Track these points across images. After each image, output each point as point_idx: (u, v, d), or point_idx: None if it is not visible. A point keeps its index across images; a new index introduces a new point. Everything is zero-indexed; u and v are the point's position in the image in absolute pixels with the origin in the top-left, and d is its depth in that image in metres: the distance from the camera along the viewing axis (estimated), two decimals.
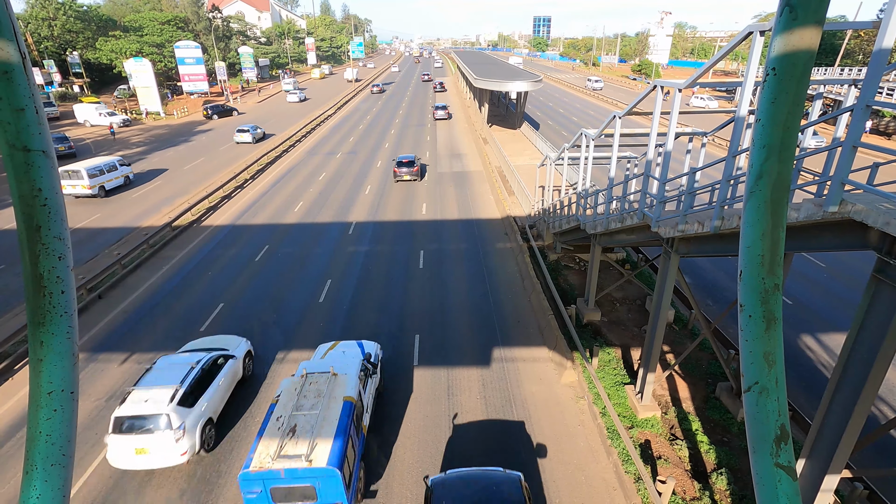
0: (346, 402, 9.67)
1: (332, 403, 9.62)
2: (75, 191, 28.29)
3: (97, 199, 28.98)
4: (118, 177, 30.63)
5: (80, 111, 51.42)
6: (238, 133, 43.59)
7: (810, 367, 14.06)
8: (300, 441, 8.66)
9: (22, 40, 0.89)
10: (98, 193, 28.87)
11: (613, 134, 12.59)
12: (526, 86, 42.42)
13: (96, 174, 28.81)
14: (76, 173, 27.98)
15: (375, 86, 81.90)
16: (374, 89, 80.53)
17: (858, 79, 6.55)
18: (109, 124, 48.70)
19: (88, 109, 51.01)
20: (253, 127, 44.21)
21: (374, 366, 11.97)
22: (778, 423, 0.99)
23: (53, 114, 52.16)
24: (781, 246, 0.97)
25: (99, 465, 10.82)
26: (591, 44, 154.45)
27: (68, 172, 27.82)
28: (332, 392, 9.91)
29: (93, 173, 28.51)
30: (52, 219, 0.95)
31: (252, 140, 43.36)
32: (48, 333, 0.96)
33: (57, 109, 52.95)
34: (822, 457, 6.88)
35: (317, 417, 9.19)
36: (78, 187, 28.17)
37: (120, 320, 16.62)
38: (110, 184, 29.91)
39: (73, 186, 28.19)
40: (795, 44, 0.88)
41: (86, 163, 29.01)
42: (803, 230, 6.78)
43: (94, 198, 28.96)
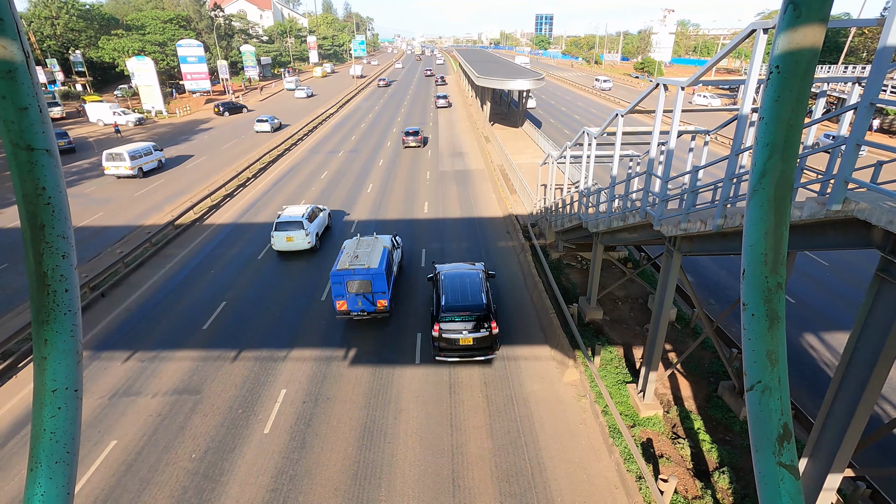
0: (384, 248, 16.46)
1: (376, 247, 16.38)
2: (118, 171, 32.23)
3: (137, 179, 32.79)
4: (153, 160, 34.36)
5: (92, 110, 51.07)
6: (257, 123, 47.74)
7: (813, 366, 14.03)
8: (361, 260, 15.41)
9: (25, 39, 0.89)
10: (137, 174, 32.73)
11: (616, 132, 12.57)
12: (528, 84, 42.32)
13: (136, 157, 32.64)
14: (119, 156, 31.83)
15: (382, 80, 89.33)
16: (380, 83, 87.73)
17: (862, 76, 6.52)
18: (114, 123, 48.87)
19: (102, 108, 50.81)
20: (271, 118, 48.46)
21: (398, 242, 19.42)
22: (780, 422, 0.98)
23: (59, 113, 51.84)
24: (785, 244, 0.97)
25: (102, 463, 10.88)
26: (593, 42, 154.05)
27: (112, 155, 31.80)
28: (376, 245, 16.59)
29: (133, 156, 32.36)
30: (55, 217, 0.95)
31: (270, 129, 47.43)
32: (52, 331, 0.97)
33: (63, 109, 52.51)
34: (825, 456, 6.87)
35: (369, 253, 15.92)
36: (121, 168, 32.11)
37: (123, 318, 16.68)
38: (147, 166, 33.71)
39: (116, 167, 32.11)
40: (799, 41, 0.88)
41: (127, 147, 32.60)
42: (807, 228, 6.76)
43: (134, 178, 32.78)
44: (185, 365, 14.16)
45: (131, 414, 12.34)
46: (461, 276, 14.84)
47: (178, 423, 12.01)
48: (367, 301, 15.44)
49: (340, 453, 11.03)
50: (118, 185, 32.08)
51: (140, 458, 11.02)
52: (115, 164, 31.97)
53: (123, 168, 32.10)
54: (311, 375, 13.61)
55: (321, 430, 11.71)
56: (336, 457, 10.94)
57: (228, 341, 15.21)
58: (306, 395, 12.88)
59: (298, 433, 11.61)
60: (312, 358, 14.36)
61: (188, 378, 13.60)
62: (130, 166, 32.10)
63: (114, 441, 11.50)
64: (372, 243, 16.70)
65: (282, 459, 10.89)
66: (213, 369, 13.94)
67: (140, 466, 10.78)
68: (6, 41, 0.86)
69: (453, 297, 13.92)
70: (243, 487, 10.23)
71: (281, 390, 13.04)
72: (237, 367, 14.00)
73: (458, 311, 13.41)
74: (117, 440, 11.53)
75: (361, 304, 15.52)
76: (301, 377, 13.54)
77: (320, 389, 13.06)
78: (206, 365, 14.14)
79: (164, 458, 10.98)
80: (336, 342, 15.09)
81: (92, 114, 51.08)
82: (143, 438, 11.56)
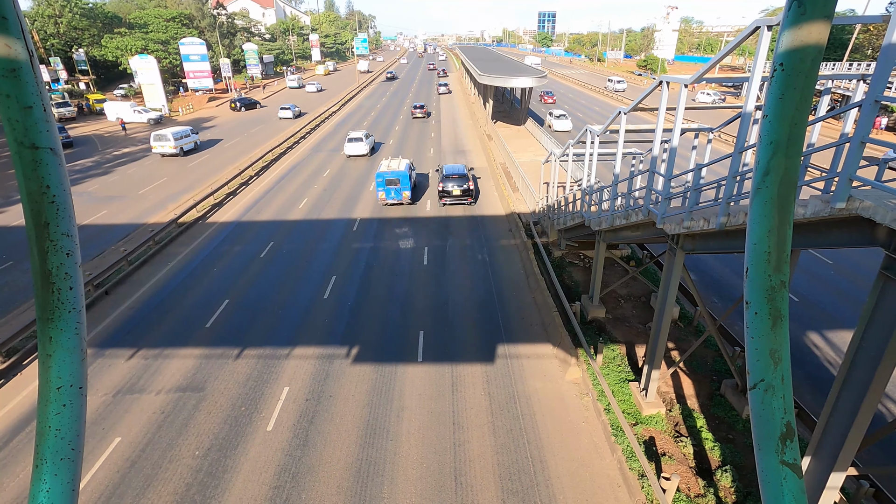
0: (406, 163, 26.81)
1: (402, 163, 26.73)
2: (164, 150, 37.38)
3: (179, 158, 37.86)
4: (191, 142, 39.69)
5: (111, 108, 51.36)
6: (281, 110, 54.89)
7: (816, 365, 13.99)
8: (392, 168, 25.91)
9: (30, 38, 0.90)
10: (179, 153, 37.90)
11: (618, 130, 12.53)
12: (531, 81, 42.21)
13: (178, 138, 37.82)
14: (164, 136, 37.07)
15: (390, 72, 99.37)
16: (388, 75, 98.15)
17: (867, 74, 6.48)
18: (119, 120, 49.09)
19: (123, 107, 51.24)
20: (292, 106, 55.56)
21: (413, 166, 29.22)
22: (783, 421, 0.98)
23: (70, 114, 51.26)
24: (788, 243, 0.97)
25: (107, 460, 10.94)
26: (596, 39, 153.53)
27: (159, 136, 37.13)
28: (401, 162, 26.83)
29: (176, 137, 37.57)
30: (60, 216, 0.95)
31: (292, 116, 54.43)
32: (57, 329, 0.97)
33: (73, 109, 51.95)
34: (828, 454, 6.85)
35: (397, 165, 26.30)
36: (166, 147, 37.20)
37: (126, 316, 16.75)
38: (186, 146, 38.89)
39: (161, 147, 37.19)
40: (804, 39, 0.87)
41: (170, 130, 37.79)
42: (810, 227, 6.74)
43: (176, 156, 37.96)
44: (189, 362, 14.22)
45: (135, 411, 12.41)
46: (453, 165, 28.09)
47: (181, 420, 12.07)
48: (397, 193, 26.04)
49: (343, 451, 11.06)
50: (164, 161, 37.17)
51: (144, 454, 11.08)
52: (161, 143, 37.03)
53: (168, 147, 37.09)
54: (313, 373, 13.65)
55: (324, 427, 11.75)
56: (339, 454, 10.97)
57: (231, 339, 15.26)
58: (309, 392, 12.91)
59: (301, 430, 11.64)
60: (315, 356, 14.40)
61: (192, 375, 13.65)
62: (174, 146, 37.15)
63: (118, 438, 11.56)
64: (399, 161, 27.36)
65: (285, 457, 10.93)
66: (217, 367, 13.99)
67: (144, 463, 10.84)
68: (10, 40, 0.86)
69: (448, 171, 26.94)
70: (246, 484, 10.28)
71: (284, 388, 13.08)
72: (240, 365, 14.05)
73: (451, 176, 26.18)
74: (121, 437, 11.59)
75: (394, 195, 26.10)
76: (304, 375, 13.58)
77: (323, 387, 13.10)
78: (209, 362, 14.19)
79: (168, 455, 11.03)
80: (338, 340, 15.12)
81: (111, 112, 51.38)
82: (147, 435, 11.62)
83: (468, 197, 26.26)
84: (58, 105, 50.56)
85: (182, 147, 38.19)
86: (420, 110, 53.44)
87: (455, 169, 26.97)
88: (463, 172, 26.44)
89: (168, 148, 37.19)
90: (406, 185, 25.89)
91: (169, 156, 37.85)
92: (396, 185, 25.83)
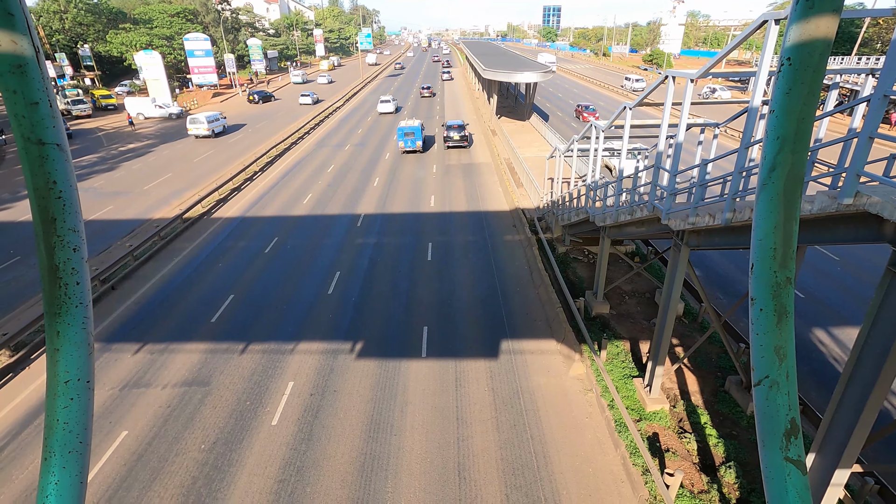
0: (419, 122, 37.22)
1: (416, 122, 36.80)
2: (198, 132, 42.48)
3: (211, 139, 42.87)
4: (221, 125, 44.64)
5: (132, 104, 51.67)
6: (301, 97, 61.49)
7: (822, 361, 13.92)
8: (408, 123, 36.52)
9: (35, 34, 0.90)
10: (211, 134, 43.06)
11: (624, 125, 12.46)
12: (536, 76, 41.98)
13: (211, 121, 42.96)
14: (198, 120, 42.09)
15: (398, 63, 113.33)
16: (396, 66, 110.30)
17: (876, 68, 6.40)
18: (127, 115, 49.53)
19: (144, 103, 51.77)
20: (312, 93, 62.34)
21: (423, 126, 40.04)
22: (788, 418, 0.98)
23: (86, 111, 51.26)
24: (794, 239, 0.96)
25: (114, 453, 11.05)
26: (601, 34, 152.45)
27: (193, 119, 42.14)
28: (415, 121, 37.20)
29: (209, 120, 42.73)
30: (66, 211, 0.96)
31: (311, 102, 61.23)
32: (64, 324, 0.98)
33: (89, 107, 52.03)
34: (833, 451, 6.83)
35: (413, 122, 36.50)
36: (200, 129, 42.27)
37: (133, 311, 16.86)
38: (217, 129, 43.86)
39: (196, 129, 42.28)
40: (812, 32, 0.86)
41: (203, 114, 42.59)
42: (817, 223, 6.68)
43: (208, 138, 43.05)
44: (194, 357, 14.32)
45: (141, 405, 12.52)
46: (453, 120, 39.29)
47: (187, 414, 12.17)
48: (412, 142, 35.94)
49: (347, 445, 11.13)
50: (199, 143, 41.91)
51: (150, 448, 11.19)
52: (196, 126, 42.16)
53: (202, 129, 42.17)
54: (318, 368, 13.71)
55: (328, 422, 11.81)
56: (343, 448, 11.04)
57: (236, 334, 15.35)
58: (313, 387, 12.98)
59: (306, 425, 11.72)
60: (319, 350, 14.47)
61: (197, 370, 13.75)
62: (207, 128, 42.29)
63: (125, 432, 11.67)
64: (414, 120, 37.07)
65: (289, 451, 11.00)
66: (222, 361, 14.08)
67: (150, 457, 10.95)
68: (17, 36, 0.87)
69: (450, 123, 37.85)
70: (251, 478, 10.36)
71: (288, 382, 13.16)
72: (245, 360, 14.13)
73: (452, 127, 37.36)
74: (128, 431, 11.70)
75: (409, 144, 36.02)
76: (308, 370, 13.65)
77: (327, 382, 13.16)
78: (214, 357, 14.28)
79: (174, 449, 11.13)
80: (342, 335, 15.18)
81: (132, 107, 51.63)
82: (154, 429, 11.73)
83: (464, 141, 37.74)
84: (73, 102, 50.73)
85: (213, 129, 43.13)
86: (427, 90, 66.99)
87: (455, 122, 39.06)
88: (461, 124, 38.21)
89: (202, 130, 42.35)
90: (419, 136, 36.19)
91: (202, 137, 42.99)
92: (412, 136, 36.08)
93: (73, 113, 50.63)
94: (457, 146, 38.11)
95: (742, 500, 9.71)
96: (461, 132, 37.48)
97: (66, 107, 50.36)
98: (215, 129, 43.53)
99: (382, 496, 9.92)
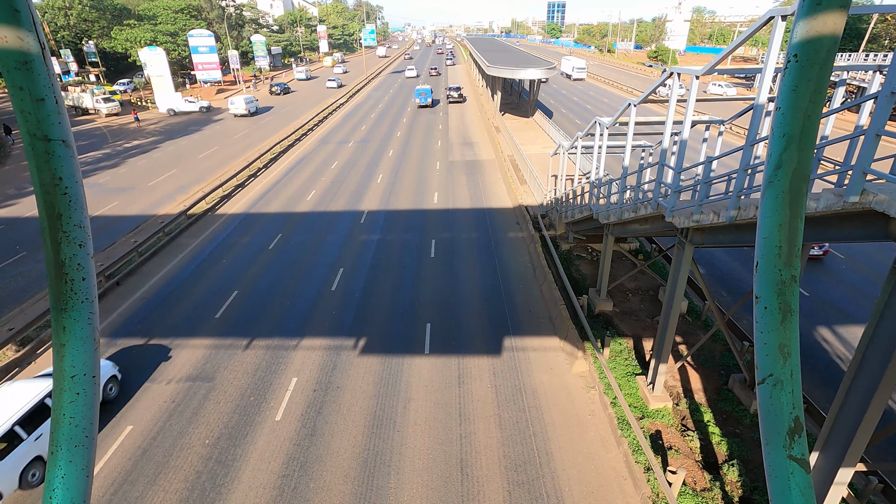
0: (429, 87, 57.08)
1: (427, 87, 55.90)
2: (237, 111, 51.58)
3: (247, 118, 51.42)
4: (254, 106, 53.29)
5: (162, 100, 54.10)
6: (328, 81, 72.98)
7: (826, 360, 13.87)
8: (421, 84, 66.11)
9: (41, 30, 0.90)
10: (247, 114, 51.97)
11: (628, 122, 12.40)
12: (540, 73, 41.84)
13: (248, 103, 51.85)
14: (236, 102, 51.07)
15: (407, 54, 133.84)
16: (406, 56, 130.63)
17: (884, 65, 6.35)
18: (133, 111, 49.92)
19: (175, 98, 54.11)
20: (337, 78, 74.56)
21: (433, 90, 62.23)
22: (792, 416, 0.98)
23: (115, 108, 51.76)
24: (800, 237, 0.96)
25: (119, 448, 11.14)
26: (606, 30, 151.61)
27: (232, 102, 51.23)
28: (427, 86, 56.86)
29: (246, 102, 51.71)
30: (72, 207, 0.96)
31: (336, 86, 72.08)
32: (70, 319, 0.99)
33: (117, 105, 52.62)
34: (837, 450, 6.81)
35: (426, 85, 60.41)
36: (239, 109, 51.32)
37: (138, 306, 16.96)
38: (251, 109, 52.60)
39: (235, 109, 51.36)
40: (819, 29, 0.86)
41: (241, 97, 51.46)
42: (822, 221, 6.65)
43: (245, 116, 51.85)
44: (199, 353, 14.39)
45: (146, 400, 12.60)
46: (452, 84, 66.17)
47: (192, 409, 12.24)
48: (425, 99, 53.51)
49: (350, 441, 11.18)
50: (238, 120, 50.81)
51: (155, 443, 11.27)
52: (235, 106, 51.36)
53: (241, 109, 51.43)
54: (321, 364, 13.76)
55: (331, 417, 11.86)
56: (346, 444, 11.09)
57: (240, 330, 15.42)
58: (317, 383, 13.03)
59: (309, 421, 11.77)
60: (323, 347, 14.52)
61: (201, 365, 13.82)
62: (245, 108, 51.51)
63: (129, 426, 11.76)
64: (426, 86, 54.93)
65: (293, 446, 11.06)
66: (226, 357, 14.15)
67: (155, 451, 11.03)
68: (22, 32, 0.87)
69: (450, 85, 61.31)
70: (255, 473, 10.43)
71: (292, 378, 13.21)
72: (249, 355, 14.20)
73: (452, 88, 58.77)
74: (133, 425, 11.79)
75: (423, 101, 53.60)
76: (312, 366, 13.70)
77: (331, 378, 13.21)
78: (218, 353, 14.35)
79: (179, 444, 11.21)
80: (346, 331, 15.22)
81: (162, 103, 54.18)
82: (158, 424, 11.81)
83: (461, 98, 58.01)
84: (105, 100, 51.25)
85: (249, 109, 52.16)
86: (434, 70, 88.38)
87: (454, 85, 60.32)
88: (459, 87, 59.25)
89: (241, 110, 51.42)
90: (430, 95, 54.39)
91: (240, 116, 51.95)
92: (425, 95, 53.84)
93: (105, 112, 51.12)
94: (455, 101, 57.73)
95: (744, 498, 9.71)
96: (458, 91, 57.75)
97: (95, 105, 50.74)
98: (250, 109, 52.63)
99: (385, 492, 9.97)
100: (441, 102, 58.41)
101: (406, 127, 46.16)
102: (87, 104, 50.84)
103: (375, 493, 9.93)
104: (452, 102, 57.29)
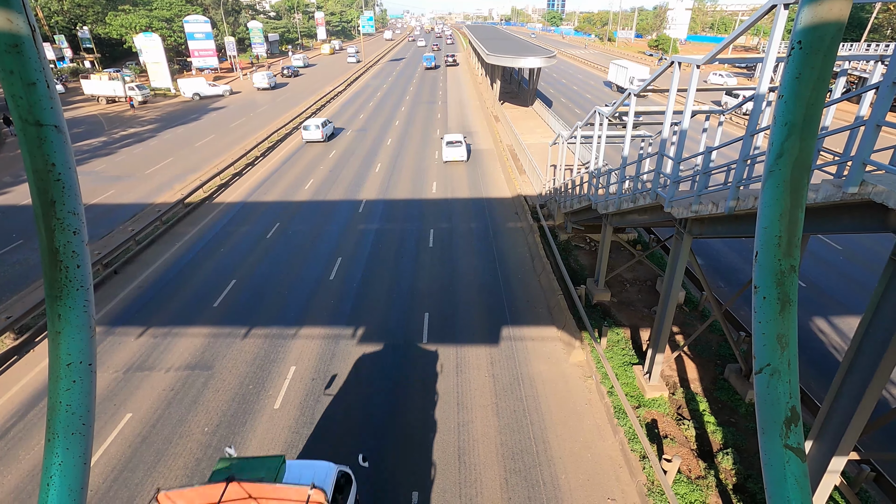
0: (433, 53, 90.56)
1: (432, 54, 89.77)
2: (261, 85, 60.36)
3: (269, 91, 60.09)
4: (274, 81, 61.62)
5: (186, 85, 55.37)
6: (349, 56, 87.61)
7: (821, 350, 13.97)
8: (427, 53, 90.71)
9: (31, 12, 0.88)
10: (270, 87, 60.94)
11: (628, 112, 12.34)
12: (539, 62, 41.48)
13: (270, 78, 60.63)
14: (261, 77, 59.92)
15: (411, 37, 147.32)
16: (409, 38, 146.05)
17: (886, 55, 6.30)
18: (128, 98, 49.50)
19: (199, 83, 55.56)
20: (356, 53, 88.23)
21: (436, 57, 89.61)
22: (788, 405, 0.98)
23: (147, 96, 51.97)
24: (800, 227, 0.95)
25: (118, 435, 11.20)
26: (606, 18, 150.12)
27: (260, 77, 59.82)
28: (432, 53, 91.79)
29: (269, 77, 60.51)
30: (66, 194, 0.95)
31: (356, 61, 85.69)
32: (65, 307, 0.98)
33: (150, 91, 53.12)
34: (831, 439, 6.89)
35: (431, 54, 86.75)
36: (263, 83, 60.10)
37: (135, 295, 16.95)
38: (271, 83, 61.18)
39: (259, 82, 60.07)
40: (824, 15, 0.84)
41: (264, 73, 60.32)
42: (821, 211, 6.64)
43: (267, 90, 60.34)
44: (197, 341, 14.42)
45: (145, 388, 12.65)
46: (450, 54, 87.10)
47: (190, 397, 12.30)
48: (430, 62, 77.84)
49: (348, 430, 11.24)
50: (260, 93, 59.18)
51: (154, 430, 11.33)
52: (259, 82, 60.00)
53: (264, 83, 60.02)
54: (320, 353, 13.81)
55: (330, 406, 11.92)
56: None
57: (239, 318, 15.44)
58: (315, 372, 13.08)
59: (308, 409, 11.84)
60: (321, 336, 14.55)
61: (200, 354, 13.86)
62: (267, 83, 60.23)
63: (129, 414, 11.82)
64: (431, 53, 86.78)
65: (291, 434, 11.14)
66: (225, 346, 14.18)
67: (155, 439, 11.10)
68: (12, 14, 0.85)
69: (447, 54, 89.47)
70: None
71: (291, 367, 13.26)
72: (248, 344, 14.23)
73: (449, 55, 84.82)
74: (132, 413, 11.84)
75: (429, 64, 77.77)
76: (310, 354, 13.75)
77: (329, 367, 13.26)
78: (217, 341, 14.39)
79: (178, 431, 11.28)
80: (344, 320, 15.25)
81: (185, 88, 55.49)
82: (158, 412, 11.86)
83: (456, 63, 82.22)
84: (139, 87, 51.27)
85: (270, 84, 60.60)
86: (436, 47, 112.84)
87: (450, 54, 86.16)
88: (454, 54, 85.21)
89: (264, 83, 59.97)
90: (433, 60, 77.25)
91: (263, 89, 60.62)
92: (429, 59, 76.38)
93: (137, 100, 50.83)
94: (452, 65, 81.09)
95: (739, 485, 9.83)
96: (453, 57, 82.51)
97: (128, 93, 50.37)
98: (271, 84, 61.15)
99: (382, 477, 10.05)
100: (441, 67, 80.00)
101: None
102: (119, 93, 50.42)
103: (373, 481, 10.02)
104: (450, 65, 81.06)
